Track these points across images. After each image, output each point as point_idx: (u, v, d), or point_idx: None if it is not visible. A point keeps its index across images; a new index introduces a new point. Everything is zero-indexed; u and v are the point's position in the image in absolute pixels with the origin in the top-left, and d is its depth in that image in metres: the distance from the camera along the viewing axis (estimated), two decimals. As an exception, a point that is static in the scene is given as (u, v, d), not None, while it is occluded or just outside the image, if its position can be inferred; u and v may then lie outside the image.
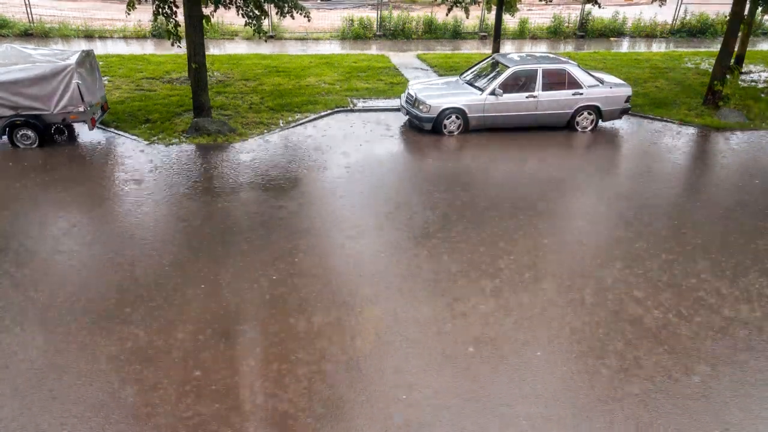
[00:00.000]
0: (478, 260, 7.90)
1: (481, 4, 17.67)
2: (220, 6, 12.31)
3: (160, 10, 11.20)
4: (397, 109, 13.80)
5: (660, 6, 16.48)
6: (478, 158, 11.37)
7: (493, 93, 12.22)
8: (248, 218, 8.85)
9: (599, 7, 16.95)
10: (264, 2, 12.38)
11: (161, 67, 16.52)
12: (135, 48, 18.93)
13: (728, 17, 13.74)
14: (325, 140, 12.04)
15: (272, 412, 5.44)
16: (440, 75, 16.47)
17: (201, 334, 6.38)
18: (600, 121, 12.95)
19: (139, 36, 20.37)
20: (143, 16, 18.08)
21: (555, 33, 22.76)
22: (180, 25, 11.66)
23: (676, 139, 12.68)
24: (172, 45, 11.53)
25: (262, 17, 12.32)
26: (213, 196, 9.54)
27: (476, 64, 13.83)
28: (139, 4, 11.34)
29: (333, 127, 12.80)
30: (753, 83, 16.82)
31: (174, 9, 11.36)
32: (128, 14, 11.34)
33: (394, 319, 6.70)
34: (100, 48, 18.49)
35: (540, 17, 23.52)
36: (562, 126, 12.88)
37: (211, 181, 10.07)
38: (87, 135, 11.85)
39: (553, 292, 7.28)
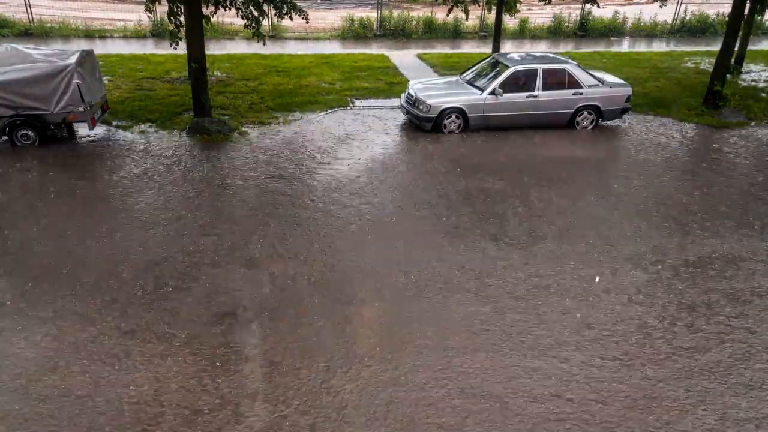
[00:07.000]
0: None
1: (481, 4, 17.67)
2: (219, 7, 12.29)
3: (173, 8, 11.13)
4: (397, 108, 13.80)
5: (660, 6, 16.49)
6: (477, 158, 11.36)
7: (493, 93, 12.21)
8: (248, 218, 8.85)
9: (599, 6, 16.96)
10: (263, 3, 12.36)
11: (161, 67, 16.52)
12: (135, 48, 18.92)
13: (728, 17, 13.75)
14: (324, 140, 12.02)
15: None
16: (440, 74, 16.47)
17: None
18: (600, 120, 12.96)
19: (139, 35, 20.36)
20: (143, 15, 18.05)
21: (555, 33, 22.76)
22: (182, 25, 11.64)
23: (676, 139, 12.67)
24: (171, 46, 11.41)
25: (261, 18, 12.30)
26: (213, 195, 9.53)
27: (476, 64, 13.82)
28: (154, 4, 11.22)
29: (333, 127, 12.78)
30: (753, 83, 16.82)
31: (180, 8, 11.31)
32: (149, 16, 11.55)
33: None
34: (100, 48, 18.47)
35: (540, 17, 23.53)
36: (563, 125, 12.88)
37: (212, 181, 10.05)
38: (87, 135, 11.84)
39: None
